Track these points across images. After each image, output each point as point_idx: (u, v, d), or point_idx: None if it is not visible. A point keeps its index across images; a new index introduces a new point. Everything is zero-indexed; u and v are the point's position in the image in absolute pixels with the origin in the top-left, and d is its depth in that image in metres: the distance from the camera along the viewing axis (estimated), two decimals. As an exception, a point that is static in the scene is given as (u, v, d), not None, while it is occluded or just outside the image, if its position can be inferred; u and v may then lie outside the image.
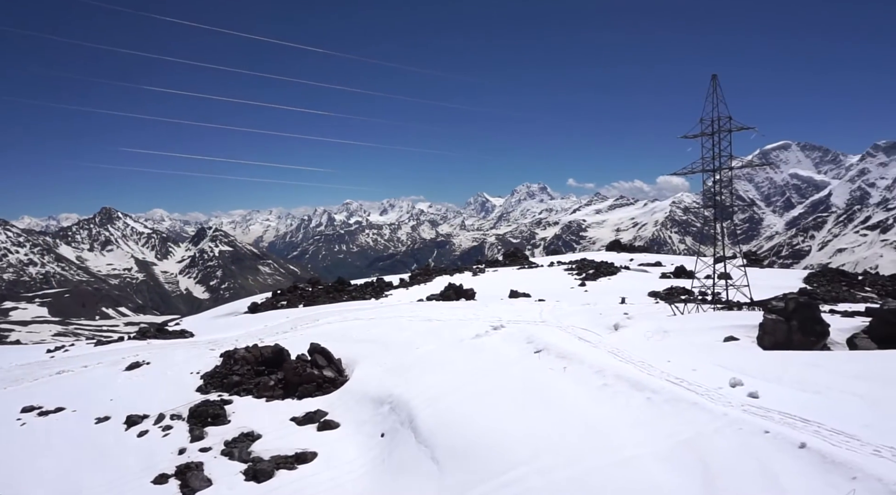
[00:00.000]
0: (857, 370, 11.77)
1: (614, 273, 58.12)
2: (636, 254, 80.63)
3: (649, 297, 41.61)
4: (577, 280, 53.36)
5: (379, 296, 48.55)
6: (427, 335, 20.76)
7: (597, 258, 70.49)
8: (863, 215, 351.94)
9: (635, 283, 51.03)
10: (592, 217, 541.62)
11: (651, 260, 72.48)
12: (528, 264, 68.41)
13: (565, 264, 65.22)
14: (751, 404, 11.08)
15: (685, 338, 16.46)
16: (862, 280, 55.27)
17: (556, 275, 58.83)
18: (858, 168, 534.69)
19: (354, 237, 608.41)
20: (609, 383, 13.29)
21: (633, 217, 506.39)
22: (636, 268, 64.63)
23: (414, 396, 15.29)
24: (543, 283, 51.65)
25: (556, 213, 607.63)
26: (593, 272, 56.71)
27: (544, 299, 36.43)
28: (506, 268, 67.07)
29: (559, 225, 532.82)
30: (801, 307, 14.49)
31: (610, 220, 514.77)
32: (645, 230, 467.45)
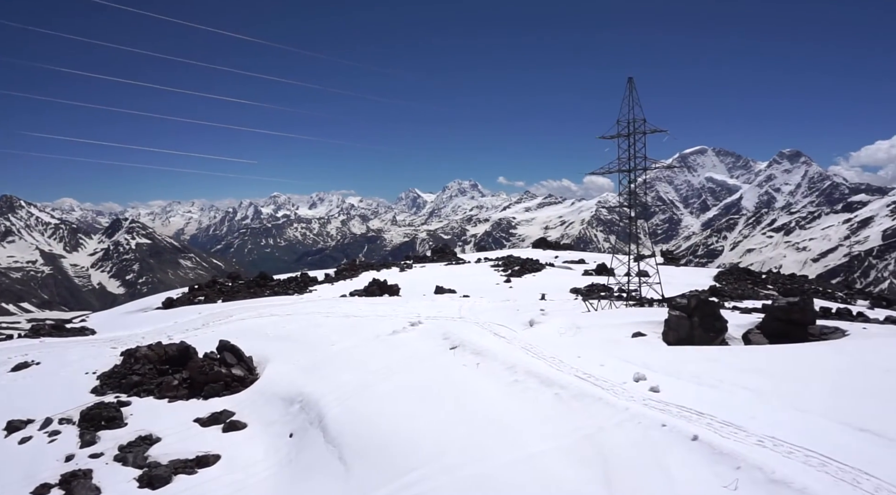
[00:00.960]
0: (748, 364, 12.33)
1: (539, 270, 59.17)
2: (561, 252, 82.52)
3: (571, 294, 42.62)
4: (502, 276, 53.93)
5: (303, 291, 47.41)
6: (344, 331, 20.36)
7: (523, 255, 71.59)
8: (769, 218, 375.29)
9: (559, 280, 52.07)
10: (522, 215, 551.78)
11: (575, 257, 74.27)
12: (456, 260, 68.69)
13: (492, 261, 65.85)
14: (652, 398, 11.39)
15: (596, 333, 16.84)
16: (765, 278, 58.77)
17: (483, 271, 59.29)
18: (766, 174, 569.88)
19: (282, 231, 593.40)
20: (520, 379, 13.38)
21: (561, 215, 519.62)
22: (561, 265, 66.07)
23: (325, 394, 14.91)
24: (470, 279, 51.91)
25: (486, 210, 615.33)
26: (519, 269, 57.51)
27: (469, 295, 36.54)
28: (434, 264, 67.05)
29: (490, 222, 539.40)
30: (702, 304, 15.10)
31: (539, 218, 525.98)
32: (572, 228, 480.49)
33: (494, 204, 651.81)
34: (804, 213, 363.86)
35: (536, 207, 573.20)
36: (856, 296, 57.36)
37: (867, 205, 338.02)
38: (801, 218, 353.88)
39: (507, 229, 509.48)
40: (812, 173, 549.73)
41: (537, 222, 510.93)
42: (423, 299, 28.87)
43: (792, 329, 14.45)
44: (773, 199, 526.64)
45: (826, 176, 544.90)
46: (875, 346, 12.67)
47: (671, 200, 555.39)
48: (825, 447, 8.61)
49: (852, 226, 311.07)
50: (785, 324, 14.58)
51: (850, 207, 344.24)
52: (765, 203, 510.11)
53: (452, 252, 76.25)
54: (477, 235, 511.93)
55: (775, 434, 9.21)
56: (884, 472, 7.78)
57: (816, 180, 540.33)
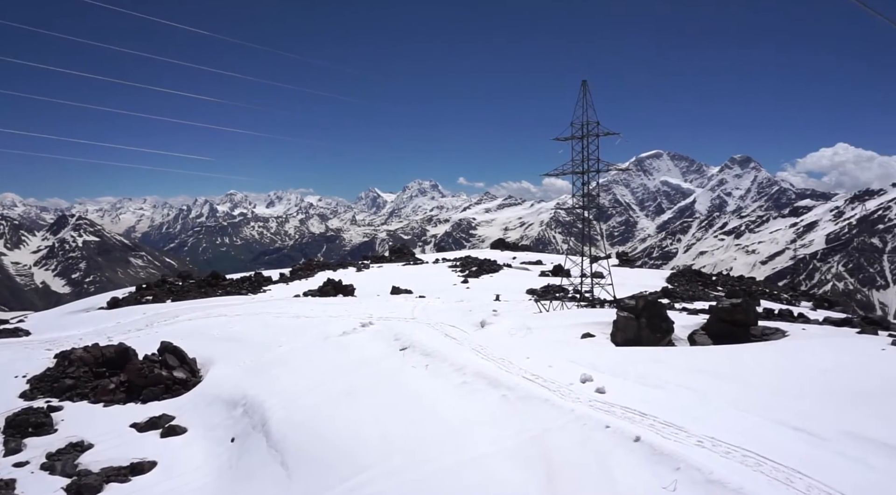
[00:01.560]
0: (691, 364, 12.50)
1: (496, 270, 59.40)
2: (519, 253, 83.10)
3: (527, 294, 42.88)
4: (460, 277, 53.91)
5: (256, 291, 46.45)
6: (293, 332, 19.90)
7: (481, 256, 71.79)
8: (721, 221, 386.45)
9: (515, 281, 52.34)
10: (482, 215, 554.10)
11: (532, 258, 74.90)
12: (414, 261, 68.42)
13: (450, 261, 65.83)
14: (597, 399, 11.41)
15: (546, 334, 16.87)
16: (715, 280, 60.31)
17: (441, 271, 59.19)
18: (718, 178, 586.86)
19: (239, 229, 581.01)
20: (468, 381, 13.26)
21: (521, 217, 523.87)
22: (518, 266, 66.49)
23: (270, 397, 14.49)
24: (427, 280, 51.72)
25: (447, 211, 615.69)
26: (476, 269, 57.62)
27: (424, 296, 36.38)
28: (391, 264, 66.63)
29: (450, 222, 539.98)
30: (649, 306, 15.27)
31: (498, 219, 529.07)
32: (531, 230, 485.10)
33: (455, 204, 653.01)
34: (753, 217, 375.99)
35: (496, 208, 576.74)
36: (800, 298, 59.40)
37: (812, 209, 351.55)
38: (750, 222, 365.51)
39: (468, 230, 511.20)
40: (761, 178, 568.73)
41: (497, 223, 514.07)
42: (378, 299, 28.54)
43: (735, 330, 14.74)
44: (724, 203, 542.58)
45: (774, 181, 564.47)
46: (812, 347, 13.00)
47: (628, 203, 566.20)
48: (762, 447, 8.73)
49: (798, 230, 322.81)
50: (729, 325, 14.87)
51: (796, 212, 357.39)
52: (717, 207, 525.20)
53: (410, 252, 75.97)
54: (437, 236, 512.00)
55: (715, 434, 9.31)
56: (816, 471, 7.92)
57: (765, 185, 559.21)
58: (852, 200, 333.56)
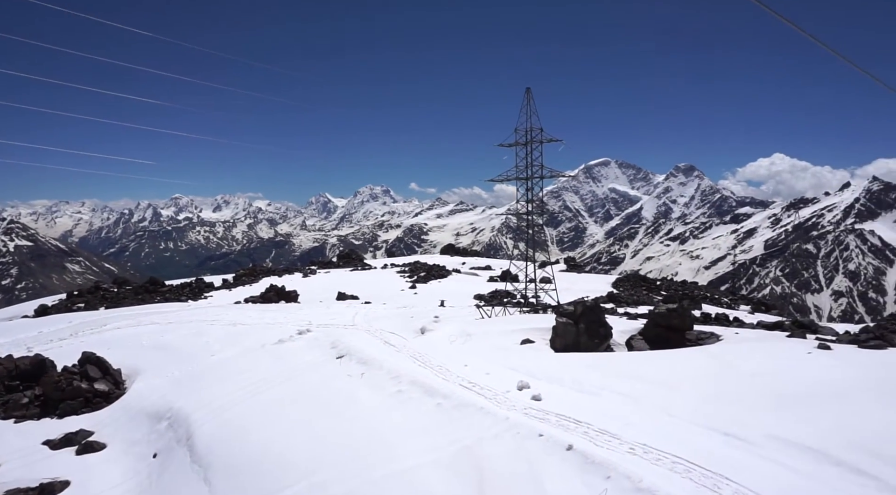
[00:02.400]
0: (627, 370, 12.49)
1: (445, 276, 59.28)
2: (469, 258, 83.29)
3: (475, 300, 42.86)
4: (408, 282, 53.57)
5: (197, 297, 44.96)
6: (227, 340, 19.14)
7: (430, 261, 71.60)
8: (666, 228, 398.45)
9: (464, 286, 52.34)
10: (434, 221, 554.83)
11: (482, 263, 75.16)
12: (362, 266, 67.62)
13: (399, 267, 65.34)
14: (533, 407, 11.25)
15: (486, 341, 16.69)
16: (659, 285, 61.77)
17: (389, 277, 58.68)
18: (663, 186, 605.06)
19: (184, 234, 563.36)
20: (404, 389, 12.92)
21: (472, 222, 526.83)
22: (467, 271, 66.55)
23: (197, 409, 13.79)
24: (375, 286, 51.16)
25: (398, 216, 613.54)
26: (425, 275, 57.34)
27: (370, 302, 35.90)
28: (339, 269, 65.69)
29: (401, 228, 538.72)
30: (587, 311, 15.28)
31: (450, 225, 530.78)
32: (483, 235, 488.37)
33: (406, 210, 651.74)
34: (697, 224, 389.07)
35: (448, 214, 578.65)
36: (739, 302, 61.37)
37: (751, 217, 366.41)
38: (694, 228, 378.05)
39: (419, 235, 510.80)
40: (704, 186, 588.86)
41: (449, 229, 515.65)
42: (320, 306, 27.87)
43: (671, 334, 14.88)
44: (670, 210, 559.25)
45: (716, 189, 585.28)
46: (743, 351, 13.20)
47: (577, 209, 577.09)
48: (691, 453, 8.70)
49: (739, 236, 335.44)
50: (665, 330, 15.00)
51: (736, 219, 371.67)
52: (662, 213, 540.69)
53: (359, 257, 75.10)
54: (389, 241, 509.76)
55: (647, 441, 9.25)
56: (743, 477, 7.91)
57: (708, 193, 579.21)
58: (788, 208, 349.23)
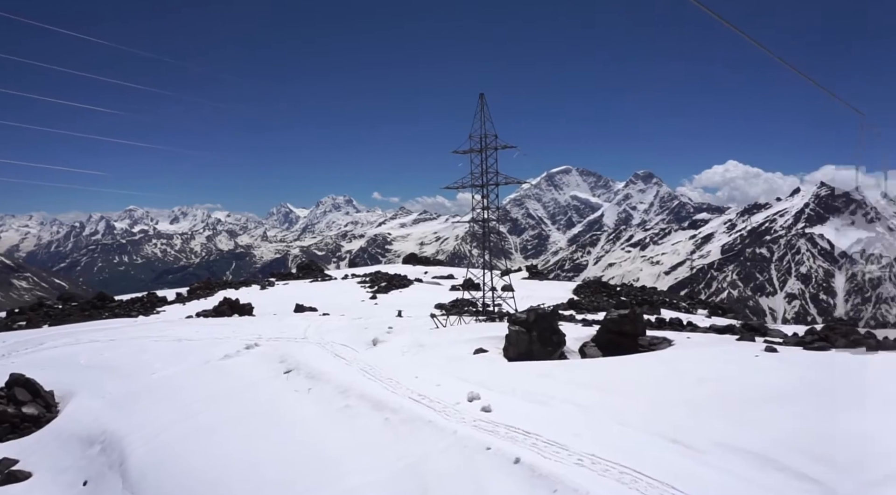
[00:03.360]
0: (579, 378, 12.30)
1: (407, 285, 58.87)
2: (431, 267, 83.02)
3: (436, 309, 42.52)
4: (369, 293, 53.00)
5: (149, 313, 43.52)
6: (171, 357, 18.33)
7: (392, 271, 71.05)
8: (627, 234, 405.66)
9: (426, 295, 52.03)
10: (397, 230, 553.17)
11: (444, 272, 75.02)
12: (323, 277, 66.65)
13: (360, 277, 64.64)
14: (482, 419, 10.94)
15: (439, 351, 16.33)
16: (619, 290, 62.47)
17: (350, 288, 57.97)
18: (623, 193, 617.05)
19: (139, 247, 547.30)
20: (351, 404, 12.47)
21: (436, 231, 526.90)
22: (429, 280, 66.26)
23: (132, 431, 13.06)
24: (334, 297, 50.42)
25: (362, 226, 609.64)
26: (386, 285, 56.82)
27: (329, 313, 35.26)
28: (299, 281, 64.62)
29: (365, 238, 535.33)
30: (540, 319, 15.09)
31: (414, 234, 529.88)
32: (447, 244, 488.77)
33: (370, 219, 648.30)
34: (657, 230, 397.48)
35: (412, 223, 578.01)
36: (697, 306, 62.50)
37: (708, 222, 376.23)
38: (654, 234, 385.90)
39: (383, 245, 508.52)
40: (663, 193, 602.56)
41: (413, 238, 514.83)
42: (272, 319, 27.13)
43: (624, 340, 14.79)
44: (630, 217, 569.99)
45: (674, 196, 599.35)
46: (693, 356, 13.17)
47: (540, 217, 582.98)
48: (639, 462, 8.50)
49: (697, 241, 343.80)
50: (617, 336, 14.91)
51: (694, 225, 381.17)
52: (623, 220, 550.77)
53: (319, 268, 74.06)
54: (352, 251, 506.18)
55: (595, 451, 9.02)
56: (689, 486, 7.73)
57: (666, 200, 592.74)
58: (743, 214, 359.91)
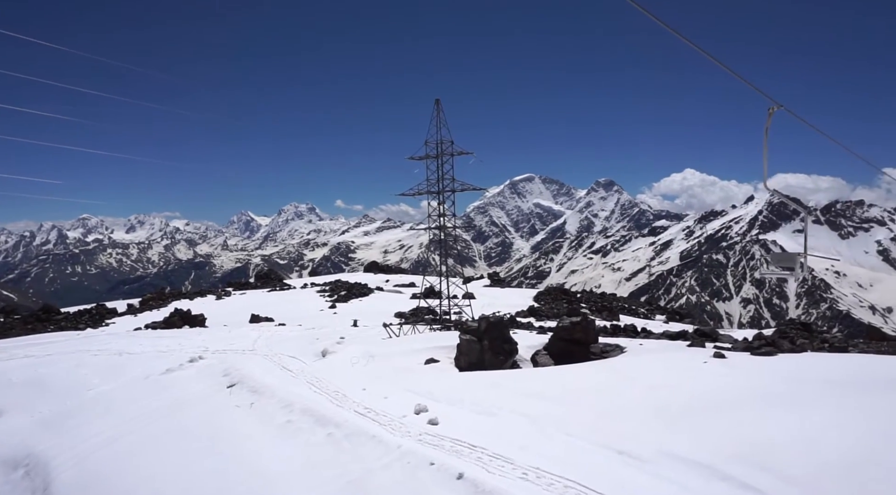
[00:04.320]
0: (528, 388, 12.08)
1: (367, 294, 58.28)
2: (393, 275, 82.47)
3: (395, 318, 42.10)
4: (328, 302, 52.29)
5: (97, 325, 42.01)
6: (110, 372, 17.49)
7: (352, 279, 70.29)
8: (589, 241, 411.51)
9: (385, 304, 51.55)
10: (361, 239, 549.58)
11: (406, 281, 74.57)
12: (281, 286, 65.50)
13: (319, 286, 63.76)
14: (428, 432, 10.60)
15: (389, 362, 15.94)
16: (580, 297, 62.98)
17: (309, 297, 57.11)
18: (585, 201, 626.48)
19: (93, 257, 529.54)
20: (294, 419, 11.98)
21: (400, 239, 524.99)
22: (390, 289, 65.75)
23: (60, 453, 12.30)
24: (293, 306, 49.57)
25: (325, 234, 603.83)
26: (345, 294, 56.14)
27: (284, 323, 34.55)
28: (257, 290, 63.38)
29: (328, 246, 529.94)
30: (491, 327, 14.85)
31: (378, 242, 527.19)
32: (411, 252, 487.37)
33: (333, 228, 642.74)
34: (618, 237, 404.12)
35: (375, 231, 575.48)
36: (655, 312, 63.40)
37: (667, 229, 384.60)
38: (615, 241, 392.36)
39: (346, 253, 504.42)
40: (623, 201, 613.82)
41: (377, 246, 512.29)
42: (223, 330, 26.30)
43: (575, 348, 14.66)
44: (592, 224, 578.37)
45: (635, 203, 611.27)
46: (644, 363, 13.09)
47: (503, 225, 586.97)
48: (584, 474, 8.28)
49: (656, 248, 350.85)
50: (569, 344, 14.77)
51: (654, 232, 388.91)
52: (585, 227, 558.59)
53: (278, 277, 72.77)
54: (315, 260, 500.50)
55: (541, 464, 8.77)
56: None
57: (627, 207, 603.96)
58: (700, 221, 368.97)
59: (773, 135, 9.77)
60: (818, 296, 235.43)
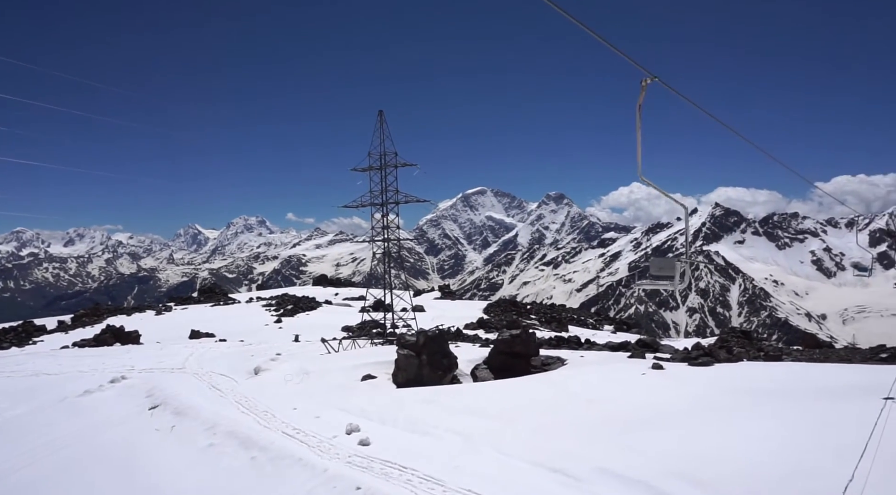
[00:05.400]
0: (464, 404, 11.68)
1: (314, 308, 57.06)
2: (342, 289, 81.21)
3: (343, 332, 41.20)
4: (273, 316, 50.86)
5: (24, 343, 39.54)
6: (22, 395, 16.23)
7: (300, 293, 68.81)
8: (541, 253, 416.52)
9: (333, 318, 50.54)
10: (313, 252, 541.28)
11: (355, 294, 73.45)
12: (226, 301, 63.47)
13: (265, 300, 62.05)
14: (358, 453, 10.06)
15: (324, 379, 15.30)
16: (529, 308, 63.24)
17: (254, 311, 55.42)
18: (536, 213, 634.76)
19: (27, 272, 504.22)
20: (217, 442, 11.25)
21: (353, 252, 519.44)
22: (339, 302, 64.61)
23: (-43, 485, 11.19)
24: (237, 321, 47.97)
25: (275, 248, 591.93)
26: (292, 308, 54.77)
27: (225, 339, 33.30)
28: (199, 305, 61.24)
29: (279, 259, 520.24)
30: (430, 340, 14.42)
31: (330, 255, 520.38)
32: (364, 265, 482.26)
33: (284, 241, 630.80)
34: (568, 249, 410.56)
35: (328, 244, 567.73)
36: (603, 322, 64.12)
37: (616, 241, 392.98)
38: (566, 253, 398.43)
39: (298, 267, 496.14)
40: (573, 213, 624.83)
41: (329, 259, 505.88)
42: (155, 347, 25.05)
43: (515, 362, 14.37)
44: (543, 236, 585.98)
45: (584, 216, 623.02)
46: (583, 376, 12.89)
47: (456, 237, 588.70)
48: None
49: (606, 259, 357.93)
50: (509, 357, 14.47)
51: (603, 243, 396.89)
52: (537, 240, 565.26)
53: (223, 292, 70.60)
54: (265, 273, 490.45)
55: (473, 486, 8.35)
56: (565, 520, 7.21)
57: (577, 220, 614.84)
58: (647, 233, 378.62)
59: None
60: (759, 305, 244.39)
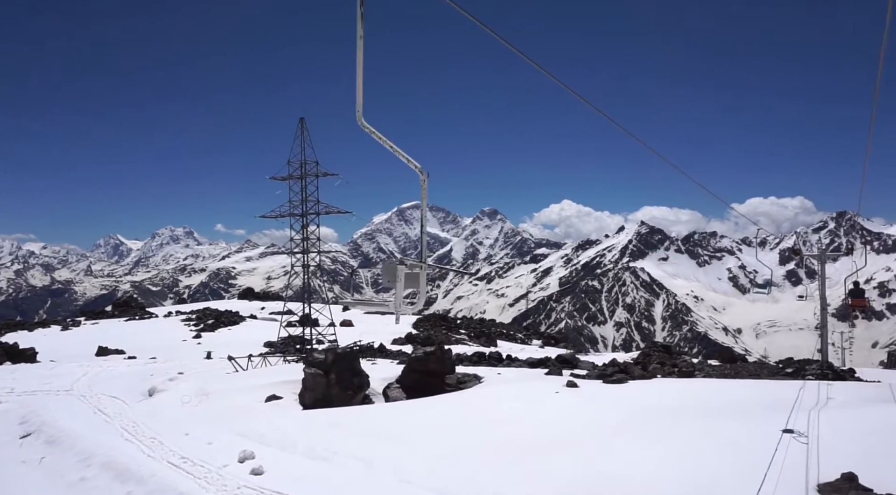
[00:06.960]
0: (370, 427, 10.99)
1: (237, 322, 54.87)
2: (269, 303, 78.60)
3: (265, 347, 39.62)
4: (192, 331, 48.50)
5: None
6: None
7: (223, 307, 66.06)
8: (474, 268, 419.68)
9: (257, 333, 48.74)
10: (243, 264, 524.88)
11: (284, 308, 71.20)
12: (142, 315, 60.13)
13: (185, 314, 59.17)
14: (249, 484, 9.18)
15: (225, 399, 14.25)
16: (459, 323, 63.00)
17: (172, 326, 52.65)
18: (471, 228, 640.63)
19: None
20: (90, 476, 10.08)
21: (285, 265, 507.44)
22: (265, 316, 62.47)
23: None
24: (152, 337, 45.31)
25: (203, 260, 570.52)
26: (213, 322, 52.43)
27: (136, 356, 31.27)
28: (113, 319, 57.76)
29: (207, 272, 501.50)
30: (339, 358, 13.67)
31: (261, 268, 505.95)
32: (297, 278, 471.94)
33: (213, 253, 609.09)
34: (501, 264, 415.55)
35: (259, 257, 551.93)
36: (532, 337, 64.56)
37: (547, 257, 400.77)
38: (499, 268, 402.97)
39: (227, 279, 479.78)
40: (507, 229, 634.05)
41: (260, 272, 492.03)
42: (45, 367, 23.05)
43: (430, 380, 13.81)
44: (477, 251, 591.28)
45: (517, 232, 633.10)
46: (496, 395, 12.47)
47: (391, 251, 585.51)
48: (413, 528, 7.32)
49: (538, 274, 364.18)
50: (423, 375, 13.91)
51: (535, 259, 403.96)
52: (471, 254, 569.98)
53: (139, 305, 66.95)
54: (192, 286, 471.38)
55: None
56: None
57: (510, 235, 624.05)
58: (577, 249, 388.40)
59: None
60: (681, 319, 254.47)
